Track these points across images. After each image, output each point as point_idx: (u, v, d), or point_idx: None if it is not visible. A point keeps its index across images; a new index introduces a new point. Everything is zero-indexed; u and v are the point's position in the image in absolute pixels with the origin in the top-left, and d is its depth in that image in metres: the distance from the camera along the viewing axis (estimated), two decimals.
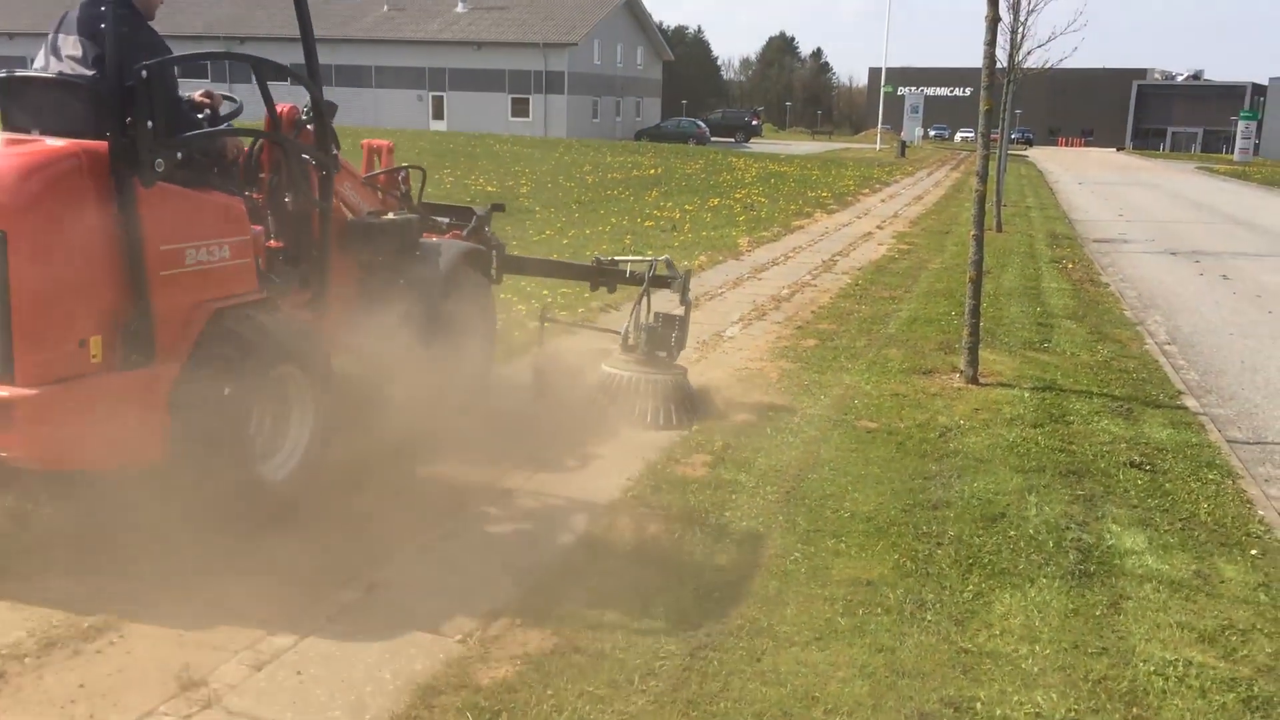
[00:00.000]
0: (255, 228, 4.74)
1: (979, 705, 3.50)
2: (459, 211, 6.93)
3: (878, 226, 18.95)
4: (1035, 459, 6.03)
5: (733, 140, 62.51)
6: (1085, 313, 10.92)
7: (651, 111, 66.47)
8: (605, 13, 56.78)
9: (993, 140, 15.89)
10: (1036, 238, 17.88)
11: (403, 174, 6.32)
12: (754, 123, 67.72)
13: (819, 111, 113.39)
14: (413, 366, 5.25)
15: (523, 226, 14.69)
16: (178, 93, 4.50)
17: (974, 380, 7.62)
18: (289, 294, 4.93)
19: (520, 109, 55.67)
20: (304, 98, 5.07)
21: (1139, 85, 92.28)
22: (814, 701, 3.47)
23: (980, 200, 7.59)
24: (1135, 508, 5.39)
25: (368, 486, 5.02)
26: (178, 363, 4.14)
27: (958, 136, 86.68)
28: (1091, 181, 37.91)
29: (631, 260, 7.36)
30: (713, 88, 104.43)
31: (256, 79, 4.69)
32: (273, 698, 3.36)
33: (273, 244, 5.07)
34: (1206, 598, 4.39)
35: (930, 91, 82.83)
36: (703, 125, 60.08)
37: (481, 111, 54.89)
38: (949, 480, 5.63)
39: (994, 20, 7.36)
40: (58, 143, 3.95)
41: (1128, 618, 4.18)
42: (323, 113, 4.99)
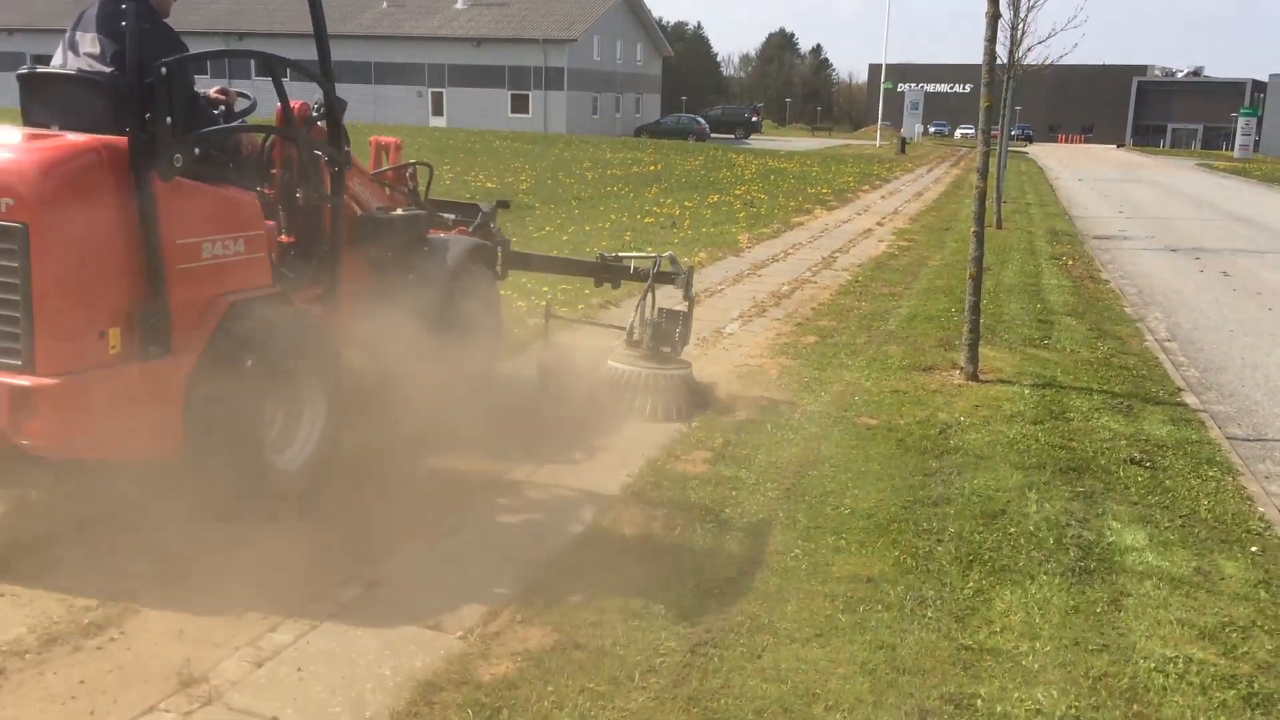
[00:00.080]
0: (269, 223, 4.79)
1: (979, 702, 3.51)
2: (465, 208, 7.00)
3: (878, 223, 18.94)
4: (1035, 456, 6.03)
5: (732, 137, 62.51)
6: (1085, 309, 10.91)
7: (651, 108, 66.45)
8: (605, 8, 56.75)
9: (993, 137, 15.90)
10: (1037, 234, 17.87)
11: (410, 170, 6.37)
12: (754, 119, 67.74)
13: (819, 108, 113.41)
14: (421, 360, 5.30)
15: (523, 223, 14.68)
16: (195, 89, 4.56)
17: (974, 377, 7.61)
18: (301, 288, 4.99)
19: (520, 105, 55.68)
20: (314, 95, 5.11)
21: (1139, 82, 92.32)
22: (814, 698, 3.47)
23: (980, 197, 7.58)
24: (1135, 504, 5.39)
25: (371, 481, 5.05)
26: (194, 354, 4.19)
27: (958, 133, 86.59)
28: (1091, 178, 37.86)
29: (635, 257, 7.38)
30: (712, 84, 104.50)
31: (272, 76, 4.73)
32: (273, 694, 3.37)
33: (285, 239, 5.15)
34: (1207, 594, 4.40)
35: (930, 88, 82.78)
36: (702, 121, 60.06)
37: (481, 108, 54.90)
38: (949, 477, 5.63)
39: (994, 16, 7.35)
40: (78, 138, 4.00)
41: (1128, 614, 4.19)
42: (335, 109, 5.04)
